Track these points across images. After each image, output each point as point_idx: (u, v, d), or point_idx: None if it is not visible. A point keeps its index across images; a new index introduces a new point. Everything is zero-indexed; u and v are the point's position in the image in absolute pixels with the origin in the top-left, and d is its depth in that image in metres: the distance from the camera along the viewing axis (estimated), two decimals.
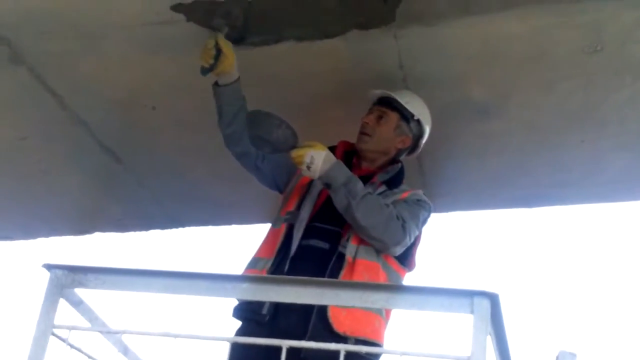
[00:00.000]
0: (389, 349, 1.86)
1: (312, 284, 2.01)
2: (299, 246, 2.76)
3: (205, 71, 2.77)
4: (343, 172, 2.67)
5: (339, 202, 2.67)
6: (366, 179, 2.85)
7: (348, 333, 2.56)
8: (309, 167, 2.63)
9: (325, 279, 2.48)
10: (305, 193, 2.86)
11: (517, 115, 3.14)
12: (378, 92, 2.91)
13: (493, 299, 1.80)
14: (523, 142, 3.28)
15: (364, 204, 2.65)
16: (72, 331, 2.11)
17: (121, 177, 3.74)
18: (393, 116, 2.87)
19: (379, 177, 2.88)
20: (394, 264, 2.79)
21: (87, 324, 2.34)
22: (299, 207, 2.82)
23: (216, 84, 2.84)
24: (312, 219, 2.79)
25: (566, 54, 2.80)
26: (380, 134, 2.87)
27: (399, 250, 2.74)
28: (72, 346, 2.18)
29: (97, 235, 4.28)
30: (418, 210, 2.83)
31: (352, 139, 3.01)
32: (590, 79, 2.92)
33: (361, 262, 2.69)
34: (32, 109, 3.23)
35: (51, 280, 2.06)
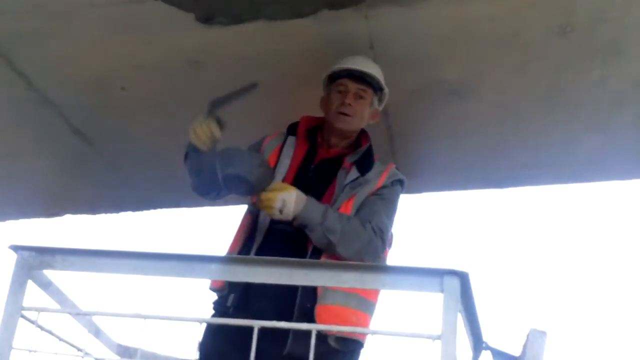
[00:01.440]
0: (360, 328, 1.86)
1: (281, 264, 2.01)
2: (269, 231, 2.74)
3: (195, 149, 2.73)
4: (317, 210, 2.61)
5: (318, 240, 2.63)
6: (336, 161, 2.84)
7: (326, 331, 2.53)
8: (281, 211, 2.57)
9: (295, 259, 2.48)
10: None
11: (489, 97, 3.15)
12: (350, 67, 2.82)
13: (463, 277, 1.81)
14: (495, 123, 3.30)
15: (344, 238, 2.62)
16: (42, 313, 2.10)
17: (92, 159, 3.70)
18: (369, 92, 2.84)
19: (348, 159, 2.84)
20: None
21: (57, 306, 2.33)
22: None
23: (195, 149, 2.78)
24: None
25: (537, 35, 2.81)
26: (361, 113, 2.84)
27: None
28: (41, 328, 2.16)
29: (68, 218, 4.23)
30: (395, 200, 2.83)
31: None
32: (561, 61, 2.93)
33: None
34: (1, 89, 3.18)
35: (18, 262, 2.04)
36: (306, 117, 2.97)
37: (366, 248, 2.66)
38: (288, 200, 2.57)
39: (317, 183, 2.71)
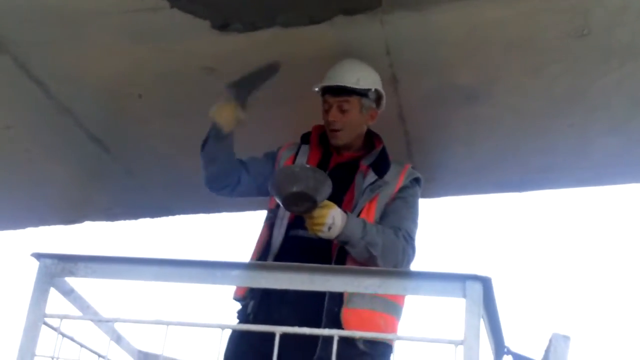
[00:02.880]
0: (384, 334, 1.86)
1: (302, 270, 2.01)
2: (287, 239, 2.74)
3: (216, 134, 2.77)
4: (358, 226, 2.59)
5: (359, 255, 2.62)
6: (351, 166, 2.84)
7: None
8: (329, 228, 2.53)
9: (316, 265, 2.48)
10: None
11: (504, 100, 3.14)
12: (325, 83, 2.81)
13: (485, 282, 1.81)
14: (511, 127, 3.29)
15: (385, 251, 2.62)
16: (64, 320, 2.11)
17: (109, 166, 3.72)
18: (353, 100, 2.80)
19: (363, 162, 2.84)
20: None
21: (79, 313, 2.34)
22: (278, 204, 2.73)
23: (216, 134, 2.81)
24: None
25: (553, 38, 2.80)
26: (350, 123, 2.82)
27: None
28: (64, 335, 2.17)
29: (87, 225, 4.26)
30: (416, 202, 2.83)
31: None
32: (577, 64, 2.92)
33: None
34: (17, 98, 3.21)
35: (40, 269, 2.05)
36: (318, 126, 2.97)
37: (402, 257, 2.67)
38: (336, 218, 2.54)
39: (335, 187, 2.71)
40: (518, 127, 3.30)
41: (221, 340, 2.03)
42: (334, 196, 2.66)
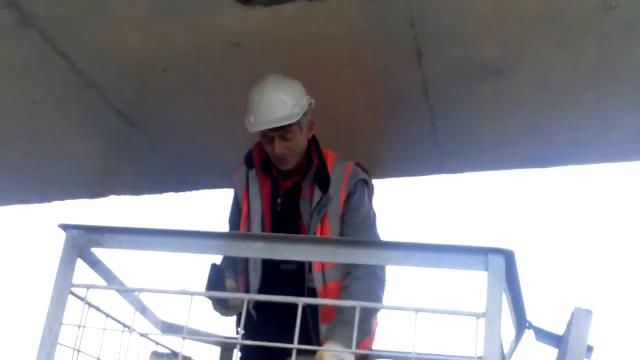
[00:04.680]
0: (404, 306, 1.87)
1: (325, 243, 2.02)
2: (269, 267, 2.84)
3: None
4: (348, 337, 2.52)
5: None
6: (295, 191, 2.88)
7: None
8: None
9: (339, 237, 2.50)
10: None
11: (530, 75, 3.11)
12: (263, 127, 2.78)
13: (508, 255, 1.80)
14: (536, 101, 3.26)
15: (371, 318, 2.75)
16: (90, 290, 2.14)
17: (134, 141, 3.75)
18: (294, 127, 2.80)
19: (304, 184, 2.87)
20: None
21: (105, 284, 2.37)
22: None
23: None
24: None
25: (580, 11, 2.76)
26: (296, 147, 2.83)
27: None
28: (90, 304, 2.21)
29: (112, 199, 4.30)
30: (365, 206, 2.82)
31: (362, 101, 2.98)
32: (604, 37, 2.88)
33: (332, 285, 2.73)
34: (43, 72, 3.23)
35: (67, 240, 2.08)
36: (257, 146, 2.98)
37: (378, 289, 2.70)
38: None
39: (287, 216, 2.78)
40: (543, 102, 3.27)
41: (245, 311, 2.06)
42: (289, 226, 2.76)
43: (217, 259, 2.79)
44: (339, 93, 3.16)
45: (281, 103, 2.78)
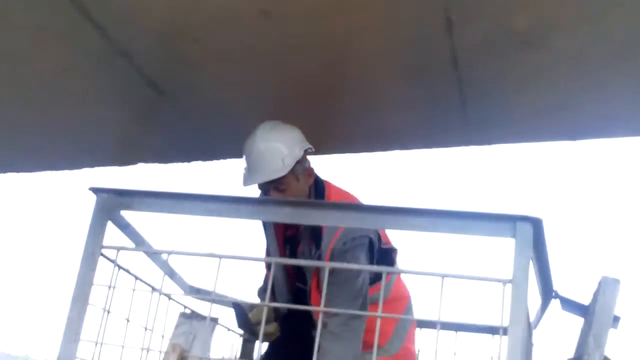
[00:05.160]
0: (431, 272, 1.88)
1: (353, 210, 2.03)
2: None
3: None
4: None
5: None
6: (295, 241, 2.99)
7: None
8: None
9: (368, 204, 2.50)
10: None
11: (562, 46, 3.06)
12: (253, 182, 2.87)
13: (536, 223, 1.81)
14: (568, 73, 3.21)
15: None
16: (120, 253, 2.18)
17: (163, 109, 3.77)
18: (287, 178, 2.85)
19: (303, 236, 2.96)
20: None
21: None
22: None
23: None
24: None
25: None
26: (292, 195, 2.87)
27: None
28: (120, 267, 2.25)
29: (140, 167, 4.34)
30: (350, 272, 2.81)
31: (391, 71, 2.96)
32: (638, 8, 2.83)
33: None
34: (75, 40, 3.25)
35: (98, 203, 2.12)
36: None
37: (355, 347, 2.76)
38: None
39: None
40: (574, 74, 3.22)
41: (272, 274, 2.08)
42: (298, 274, 2.95)
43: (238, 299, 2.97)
44: (369, 62, 3.14)
45: (271, 157, 2.83)
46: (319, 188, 2.97)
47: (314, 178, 2.98)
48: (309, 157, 3.03)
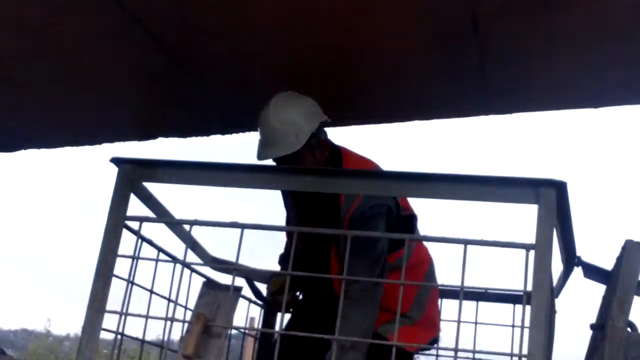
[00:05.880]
0: (454, 238, 1.87)
1: (374, 177, 2.03)
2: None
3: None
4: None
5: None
6: (314, 209, 2.98)
7: None
8: None
9: (391, 170, 2.51)
10: None
11: (584, 11, 3.01)
12: (267, 157, 2.80)
13: (560, 187, 1.79)
14: (591, 37, 3.15)
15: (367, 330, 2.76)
16: (143, 225, 2.19)
17: (182, 81, 3.75)
18: (301, 151, 2.81)
19: (322, 205, 2.94)
20: None
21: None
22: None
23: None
24: None
25: None
26: (309, 167, 2.81)
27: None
28: (143, 238, 2.26)
29: (160, 141, 4.35)
30: (368, 239, 2.79)
31: (410, 38, 2.93)
32: None
33: None
34: (91, 10, 3.23)
35: (120, 174, 2.13)
36: None
37: (371, 314, 2.78)
38: None
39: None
40: (598, 39, 3.16)
41: (294, 246, 2.08)
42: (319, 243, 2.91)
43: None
44: (386, 30, 3.11)
45: (284, 131, 2.82)
46: (335, 158, 2.96)
47: (329, 149, 2.97)
48: (325, 129, 3.01)
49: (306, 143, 2.83)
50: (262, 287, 3.32)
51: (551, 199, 1.79)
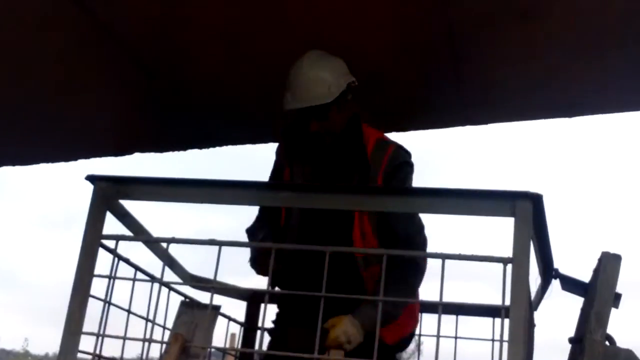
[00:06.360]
0: (432, 253, 1.87)
1: (345, 192, 2.02)
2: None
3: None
4: (372, 315, 2.30)
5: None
6: (328, 176, 2.87)
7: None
8: (349, 342, 2.55)
9: (361, 185, 2.50)
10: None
11: (560, 18, 3.02)
12: (296, 105, 2.79)
13: (535, 200, 1.79)
14: (565, 47, 3.17)
15: (401, 305, 2.72)
16: (120, 244, 2.17)
17: (158, 96, 3.74)
18: (330, 107, 2.80)
19: (343, 169, 2.85)
20: None
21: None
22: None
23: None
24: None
25: None
26: (332, 126, 2.85)
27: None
28: (120, 257, 2.23)
29: (137, 156, 4.32)
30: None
31: (385, 48, 2.92)
32: None
33: (375, 270, 2.69)
34: (66, 24, 3.21)
35: (95, 192, 2.10)
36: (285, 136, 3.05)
37: (413, 278, 2.72)
38: (350, 332, 2.55)
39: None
40: (572, 48, 3.18)
41: (272, 262, 2.07)
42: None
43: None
44: (363, 40, 3.11)
45: (317, 82, 2.78)
46: (356, 123, 2.93)
47: (352, 112, 2.94)
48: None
49: (335, 99, 2.80)
50: (242, 305, 3.30)
51: (527, 211, 1.79)
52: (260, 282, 3.26)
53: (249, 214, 2.95)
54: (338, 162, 2.86)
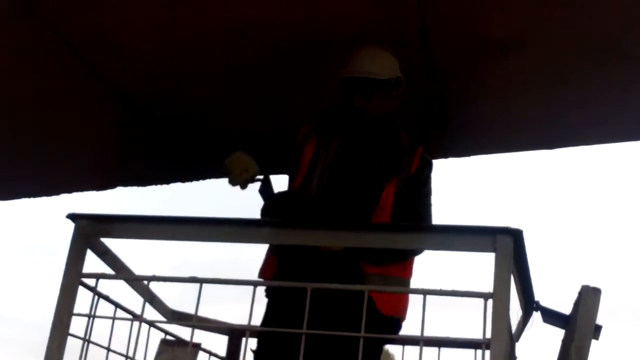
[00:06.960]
0: (413, 289, 1.87)
1: (333, 228, 2.02)
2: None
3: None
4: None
5: None
6: (354, 153, 2.92)
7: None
8: None
9: (345, 221, 2.50)
10: None
11: (540, 52, 3.06)
12: (352, 75, 2.87)
13: (516, 235, 1.80)
14: (546, 80, 3.21)
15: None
16: (100, 280, 2.15)
17: (141, 131, 3.74)
18: (381, 85, 2.87)
19: (366, 147, 2.91)
20: None
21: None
22: None
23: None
24: None
25: None
26: (372, 106, 2.90)
27: None
28: (100, 295, 2.21)
29: (119, 190, 4.30)
30: (430, 192, 2.90)
31: None
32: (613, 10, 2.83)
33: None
34: (50, 61, 3.23)
35: (76, 230, 2.09)
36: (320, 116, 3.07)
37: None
38: None
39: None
40: (552, 82, 3.21)
41: (254, 297, 2.06)
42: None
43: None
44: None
45: (382, 59, 2.90)
46: (392, 117, 2.99)
47: (386, 110, 2.99)
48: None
49: (386, 80, 2.88)
50: (223, 339, 3.27)
51: (508, 247, 1.80)
52: (242, 313, 3.23)
53: (231, 246, 2.95)
54: (369, 144, 2.91)
